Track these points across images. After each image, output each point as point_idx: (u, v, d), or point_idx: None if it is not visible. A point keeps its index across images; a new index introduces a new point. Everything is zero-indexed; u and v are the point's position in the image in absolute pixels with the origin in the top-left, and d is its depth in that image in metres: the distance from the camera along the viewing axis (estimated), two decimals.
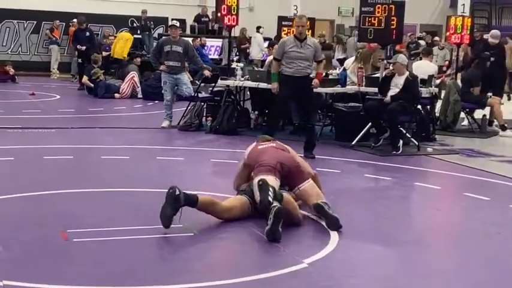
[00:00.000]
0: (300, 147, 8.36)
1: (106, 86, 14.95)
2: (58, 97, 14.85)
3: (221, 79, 10.85)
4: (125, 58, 17.40)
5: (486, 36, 15.99)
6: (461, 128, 11.83)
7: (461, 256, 5.10)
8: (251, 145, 5.99)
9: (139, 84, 15.14)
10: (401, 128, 9.39)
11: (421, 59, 12.18)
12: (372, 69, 10.90)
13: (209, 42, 20.53)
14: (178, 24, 11.42)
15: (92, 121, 11.47)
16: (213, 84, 11.14)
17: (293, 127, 10.58)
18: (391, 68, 9.46)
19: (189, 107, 10.77)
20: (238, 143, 9.24)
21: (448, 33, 14.37)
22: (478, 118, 11.89)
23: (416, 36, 22.59)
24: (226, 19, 11.35)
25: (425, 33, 23.29)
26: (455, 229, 5.98)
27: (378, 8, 9.76)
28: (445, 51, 18.43)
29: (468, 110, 11.96)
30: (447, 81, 14.27)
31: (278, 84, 8.55)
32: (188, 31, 20.76)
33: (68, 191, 6.31)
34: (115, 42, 18.07)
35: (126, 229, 5.14)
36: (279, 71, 8.55)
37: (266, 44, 16.55)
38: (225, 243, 5.20)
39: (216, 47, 20.81)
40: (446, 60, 18.08)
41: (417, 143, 9.47)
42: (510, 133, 11.55)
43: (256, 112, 11.15)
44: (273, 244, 4.91)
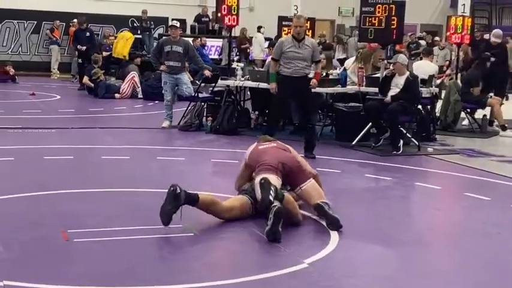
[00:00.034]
0: (301, 147, 8.36)
1: (106, 86, 14.96)
2: (58, 97, 14.86)
3: (221, 79, 10.85)
4: (126, 57, 17.41)
5: (486, 36, 15.99)
6: (461, 128, 11.83)
7: (461, 256, 5.10)
8: (252, 145, 5.98)
9: (139, 84, 15.15)
10: (401, 128, 9.39)
11: (422, 59, 12.17)
12: (373, 69, 10.89)
13: (209, 42, 20.55)
14: (178, 24, 11.42)
15: (92, 121, 11.47)
16: (214, 84, 11.14)
17: (293, 127, 10.58)
18: (392, 68, 9.46)
19: (190, 107, 10.78)
20: (238, 143, 9.24)
21: (449, 33, 14.36)
22: (479, 118, 11.90)
23: (416, 36, 22.58)
24: (226, 19, 11.34)
25: (425, 33, 23.30)
26: (455, 229, 5.98)
27: (379, 8, 9.76)
28: (446, 51, 18.43)
29: (470, 110, 11.96)
30: (446, 81, 14.27)
31: (276, 84, 8.55)
32: (188, 31, 20.78)
33: (68, 191, 6.31)
34: (116, 41, 18.08)
35: (126, 229, 5.14)
36: (278, 71, 8.55)
37: (267, 44, 16.54)
38: (225, 243, 5.20)
39: (217, 47, 20.82)
40: (446, 60, 18.08)
41: (417, 143, 9.47)
42: (510, 133, 11.54)
43: (256, 112, 11.14)
44: (273, 244, 4.91)
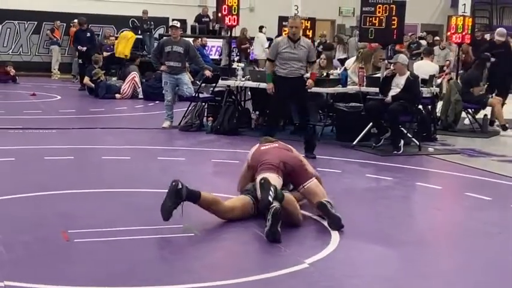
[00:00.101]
0: (301, 147, 8.35)
1: (107, 87, 14.96)
2: (59, 98, 14.87)
3: (222, 79, 10.86)
4: (127, 57, 17.42)
5: (487, 36, 15.97)
6: (462, 128, 11.82)
7: (462, 256, 5.10)
8: (254, 147, 5.98)
9: (140, 84, 15.15)
10: (402, 128, 9.38)
11: (422, 59, 12.16)
12: (373, 69, 10.89)
13: (210, 42, 20.55)
14: (179, 24, 11.43)
15: (93, 121, 11.47)
16: (214, 84, 11.14)
17: (294, 127, 10.57)
18: (392, 68, 9.46)
19: (190, 107, 10.77)
20: (239, 143, 9.25)
21: (449, 33, 14.35)
22: (479, 118, 11.89)
23: (417, 36, 22.58)
24: (226, 19, 11.33)
25: (426, 33, 23.29)
26: (456, 229, 5.97)
27: (379, 8, 9.76)
28: (446, 51, 18.43)
29: (473, 110, 11.94)
30: (445, 82, 14.26)
31: (273, 84, 8.56)
32: (189, 31, 20.79)
33: (69, 192, 6.31)
34: (118, 41, 18.09)
35: (127, 229, 5.14)
36: (274, 72, 8.56)
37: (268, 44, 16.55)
38: (226, 243, 5.20)
39: (217, 47, 20.82)
40: (447, 60, 18.09)
41: (418, 143, 9.46)
42: (511, 133, 11.54)
43: (257, 112, 11.14)
44: (274, 244, 4.90)
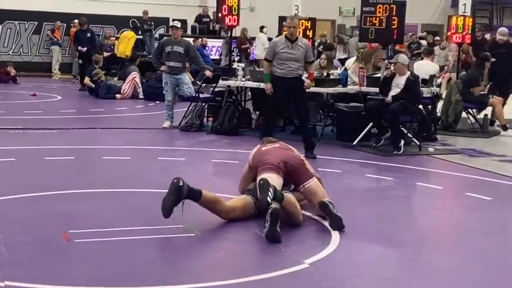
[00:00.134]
0: (301, 147, 8.35)
1: (107, 87, 14.97)
2: (59, 98, 14.87)
3: (222, 79, 10.86)
4: (127, 57, 17.42)
5: (487, 36, 15.95)
6: (462, 128, 11.82)
7: (462, 256, 5.10)
8: (255, 147, 5.98)
9: (140, 84, 15.16)
10: (402, 128, 9.38)
11: (423, 59, 12.16)
12: (373, 69, 10.89)
13: (210, 42, 20.55)
14: (179, 24, 11.42)
15: (93, 122, 11.47)
16: (214, 84, 11.14)
17: (294, 127, 10.58)
18: (392, 69, 9.46)
19: (190, 108, 10.77)
20: (239, 144, 9.25)
21: (450, 33, 14.35)
22: (480, 118, 11.89)
23: (417, 36, 22.57)
24: (227, 19, 11.33)
25: (426, 33, 23.29)
26: (456, 229, 5.97)
27: (379, 8, 9.77)
28: (447, 51, 18.42)
29: (475, 110, 11.93)
30: (444, 83, 14.27)
31: (271, 84, 8.56)
32: (189, 31, 20.78)
33: (70, 192, 6.31)
34: (118, 41, 18.10)
35: (127, 230, 5.14)
36: (271, 72, 8.56)
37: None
38: (227, 243, 5.20)
39: (217, 48, 20.82)
40: (447, 60, 18.08)
41: (419, 143, 9.46)
42: (511, 133, 11.53)
43: (257, 112, 11.13)
44: (274, 244, 4.90)
